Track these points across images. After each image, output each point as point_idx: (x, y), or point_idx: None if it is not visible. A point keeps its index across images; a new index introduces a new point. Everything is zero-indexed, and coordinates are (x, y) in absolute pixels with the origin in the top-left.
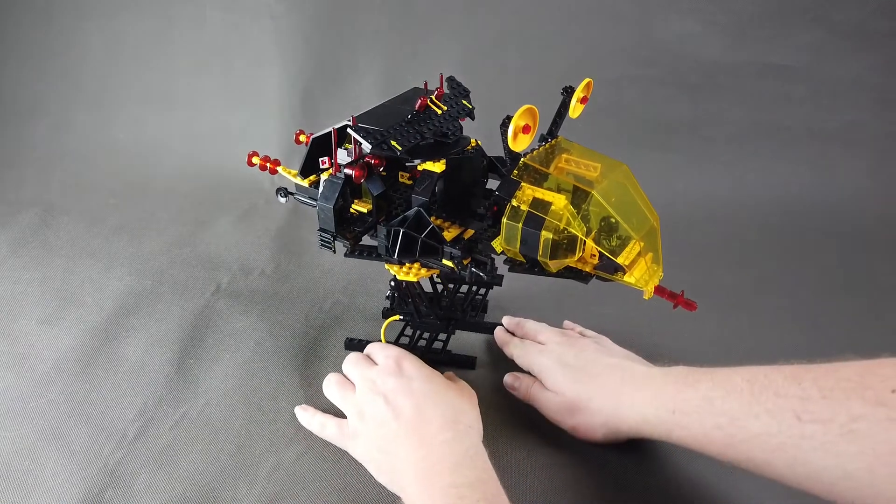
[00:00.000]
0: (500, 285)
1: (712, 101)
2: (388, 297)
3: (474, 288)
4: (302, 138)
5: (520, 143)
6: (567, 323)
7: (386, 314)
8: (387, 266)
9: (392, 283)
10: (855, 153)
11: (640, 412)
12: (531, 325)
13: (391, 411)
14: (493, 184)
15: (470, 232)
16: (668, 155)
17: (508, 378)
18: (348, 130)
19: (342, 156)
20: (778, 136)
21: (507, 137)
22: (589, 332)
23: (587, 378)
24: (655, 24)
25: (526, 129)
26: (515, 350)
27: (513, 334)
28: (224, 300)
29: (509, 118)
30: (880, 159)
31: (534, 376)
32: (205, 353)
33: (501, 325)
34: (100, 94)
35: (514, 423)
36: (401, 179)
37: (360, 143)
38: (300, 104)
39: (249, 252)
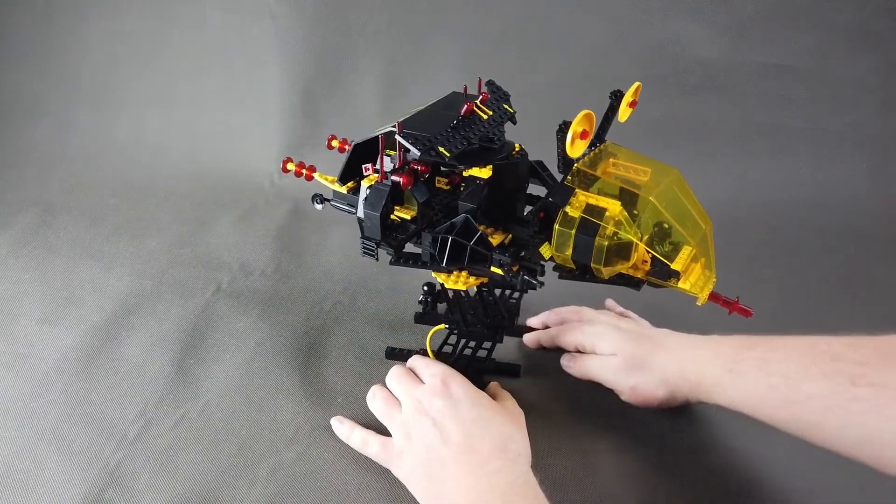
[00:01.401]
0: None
1: (712, 101)
2: (420, 302)
3: (507, 292)
4: (335, 143)
5: (577, 149)
6: (609, 302)
7: (418, 319)
8: (434, 274)
9: (425, 289)
10: (855, 153)
11: (698, 370)
12: (569, 309)
13: (439, 435)
14: (533, 188)
15: (509, 237)
16: (668, 155)
17: (564, 359)
18: (396, 137)
19: (386, 162)
20: (778, 136)
21: (564, 143)
22: (630, 313)
23: (644, 338)
24: (655, 24)
25: (584, 135)
26: (561, 335)
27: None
28: (224, 300)
29: (567, 124)
30: (880, 159)
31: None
32: (205, 353)
33: (527, 327)
34: (100, 94)
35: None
36: (437, 185)
37: (406, 150)
38: (300, 104)
39: (250, 252)
